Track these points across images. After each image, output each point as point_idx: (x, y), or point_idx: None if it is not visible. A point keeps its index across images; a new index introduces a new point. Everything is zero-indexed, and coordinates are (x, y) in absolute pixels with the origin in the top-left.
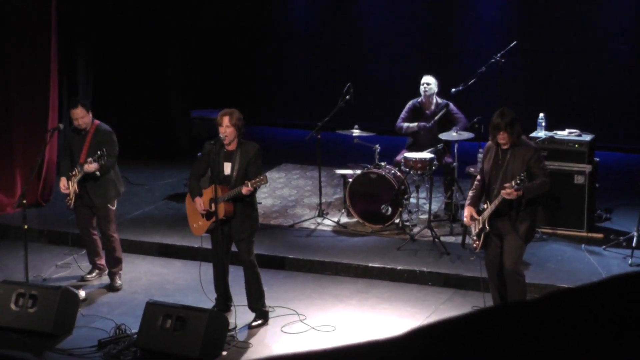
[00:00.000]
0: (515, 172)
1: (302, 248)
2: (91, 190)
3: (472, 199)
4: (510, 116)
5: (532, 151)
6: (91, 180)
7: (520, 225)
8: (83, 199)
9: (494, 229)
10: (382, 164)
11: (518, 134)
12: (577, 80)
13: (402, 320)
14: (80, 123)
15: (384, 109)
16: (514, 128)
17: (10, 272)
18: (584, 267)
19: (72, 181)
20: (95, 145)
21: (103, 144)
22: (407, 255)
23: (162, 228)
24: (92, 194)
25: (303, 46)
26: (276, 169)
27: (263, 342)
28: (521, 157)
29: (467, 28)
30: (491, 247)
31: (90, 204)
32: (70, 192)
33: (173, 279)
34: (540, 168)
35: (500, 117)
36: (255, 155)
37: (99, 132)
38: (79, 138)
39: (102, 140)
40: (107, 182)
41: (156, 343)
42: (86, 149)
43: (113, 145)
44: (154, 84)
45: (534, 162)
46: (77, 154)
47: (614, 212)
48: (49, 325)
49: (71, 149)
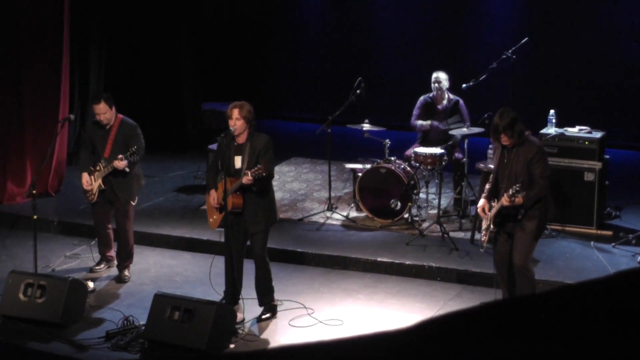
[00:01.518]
0: (518, 171)
1: (311, 242)
2: (116, 185)
3: (489, 192)
4: (509, 117)
5: (534, 150)
6: (120, 177)
7: (527, 222)
8: (106, 193)
9: (503, 225)
10: (392, 159)
11: (519, 133)
12: (588, 77)
13: (410, 315)
14: (102, 118)
15: (394, 103)
16: (514, 129)
17: (19, 261)
18: (593, 264)
19: (96, 176)
20: (121, 140)
21: (128, 139)
22: (416, 250)
23: (172, 220)
24: (117, 189)
25: (315, 40)
26: (286, 163)
27: (271, 335)
28: (524, 155)
29: (479, 23)
30: (500, 244)
31: (113, 199)
32: (94, 187)
33: (182, 270)
34: (539, 170)
35: (499, 118)
36: (265, 146)
37: (124, 126)
38: (103, 132)
39: (127, 135)
40: (132, 177)
41: (164, 335)
42: (110, 143)
43: (139, 139)
44: (166, 76)
45: (534, 163)
46: (101, 148)
47: (624, 209)
48: (57, 316)
49: (93, 142)
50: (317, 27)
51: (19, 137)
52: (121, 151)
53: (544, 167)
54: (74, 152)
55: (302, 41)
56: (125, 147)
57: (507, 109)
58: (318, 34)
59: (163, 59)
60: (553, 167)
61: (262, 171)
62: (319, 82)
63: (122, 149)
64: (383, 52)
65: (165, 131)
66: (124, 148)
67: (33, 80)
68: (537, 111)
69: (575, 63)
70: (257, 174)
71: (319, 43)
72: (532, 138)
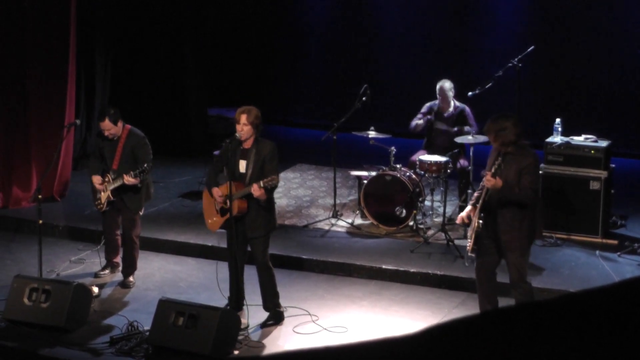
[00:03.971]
0: (509, 177)
1: (315, 248)
2: (126, 196)
3: (476, 198)
4: (499, 126)
5: (528, 161)
6: (130, 192)
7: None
8: (115, 202)
9: (488, 232)
10: (397, 166)
11: (510, 141)
12: (594, 85)
13: (414, 322)
14: (107, 134)
15: (399, 110)
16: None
17: (24, 266)
18: (598, 273)
19: (105, 186)
20: (129, 151)
21: (136, 150)
22: (421, 257)
23: (177, 225)
24: (126, 199)
25: (320, 47)
26: (291, 169)
27: (275, 342)
28: (518, 164)
29: (484, 31)
30: (483, 251)
31: (121, 207)
32: (103, 197)
33: (186, 276)
34: (529, 180)
35: (490, 121)
36: (271, 153)
37: (132, 137)
38: (111, 143)
39: (134, 146)
40: (142, 187)
41: (168, 340)
42: (119, 154)
43: (147, 150)
44: (171, 82)
45: (525, 173)
46: (110, 159)
47: (629, 218)
48: (62, 320)
49: (102, 152)
50: (322, 34)
51: (25, 142)
52: (129, 162)
53: (534, 178)
54: (79, 157)
55: (308, 47)
56: (133, 158)
57: (505, 115)
58: (324, 41)
59: (168, 64)
60: (558, 175)
61: (275, 181)
62: (325, 88)
63: (130, 160)
64: (389, 59)
65: (171, 137)
66: (132, 159)
67: (39, 86)
68: (543, 120)
69: (581, 71)
70: (270, 184)
71: (324, 50)
72: (529, 149)
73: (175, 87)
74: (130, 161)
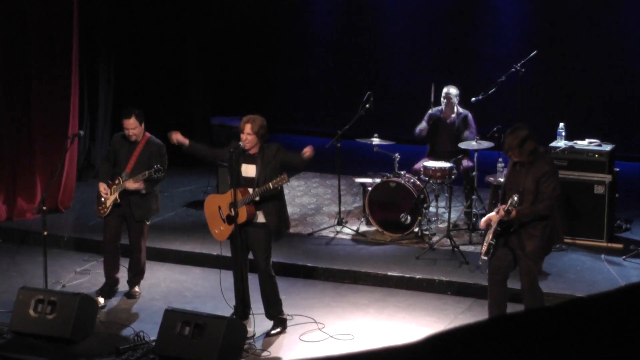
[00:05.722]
0: (527, 187)
1: (320, 256)
2: (134, 202)
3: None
4: (519, 137)
5: (545, 169)
6: (137, 194)
7: (528, 242)
8: (121, 209)
9: (503, 238)
10: (401, 173)
11: (530, 152)
12: (598, 89)
13: (420, 329)
14: (131, 134)
15: (403, 117)
16: (522, 148)
17: (29, 277)
18: (604, 277)
19: (113, 190)
20: (146, 157)
21: (153, 158)
22: (426, 264)
23: (182, 235)
24: (134, 206)
25: (324, 54)
26: (295, 177)
27: (281, 350)
28: (535, 173)
29: (487, 36)
30: (497, 257)
31: (128, 215)
32: (109, 200)
33: (192, 286)
34: (549, 189)
35: (509, 136)
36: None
37: (151, 144)
38: (128, 147)
39: (153, 153)
40: (151, 196)
41: (174, 350)
42: (134, 159)
43: (164, 159)
44: (174, 90)
45: (544, 182)
46: (124, 162)
47: (634, 222)
48: (68, 331)
49: (117, 155)
50: (326, 41)
51: (29, 153)
52: (144, 168)
53: (553, 187)
54: (83, 168)
55: (312, 55)
56: (149, 166)
57: (520, 127)
58: (327, 48)
59: (171, 73)
60: (563, 179)
61: (284, 181)
62: (328, 96)
63: (145, 166)
64: (393, 66)
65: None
66: (147, 166)
67: (42, 96)
68: (547, 124)
69: (584, 76)
70: (279, 184)
71: (328, 57)
72: (545, 156)
73: (178, 96)
74: (145, 168)
